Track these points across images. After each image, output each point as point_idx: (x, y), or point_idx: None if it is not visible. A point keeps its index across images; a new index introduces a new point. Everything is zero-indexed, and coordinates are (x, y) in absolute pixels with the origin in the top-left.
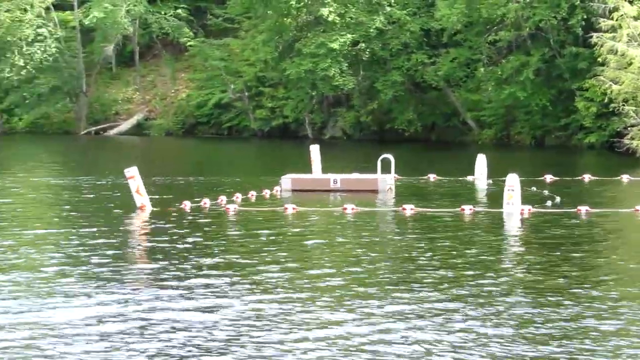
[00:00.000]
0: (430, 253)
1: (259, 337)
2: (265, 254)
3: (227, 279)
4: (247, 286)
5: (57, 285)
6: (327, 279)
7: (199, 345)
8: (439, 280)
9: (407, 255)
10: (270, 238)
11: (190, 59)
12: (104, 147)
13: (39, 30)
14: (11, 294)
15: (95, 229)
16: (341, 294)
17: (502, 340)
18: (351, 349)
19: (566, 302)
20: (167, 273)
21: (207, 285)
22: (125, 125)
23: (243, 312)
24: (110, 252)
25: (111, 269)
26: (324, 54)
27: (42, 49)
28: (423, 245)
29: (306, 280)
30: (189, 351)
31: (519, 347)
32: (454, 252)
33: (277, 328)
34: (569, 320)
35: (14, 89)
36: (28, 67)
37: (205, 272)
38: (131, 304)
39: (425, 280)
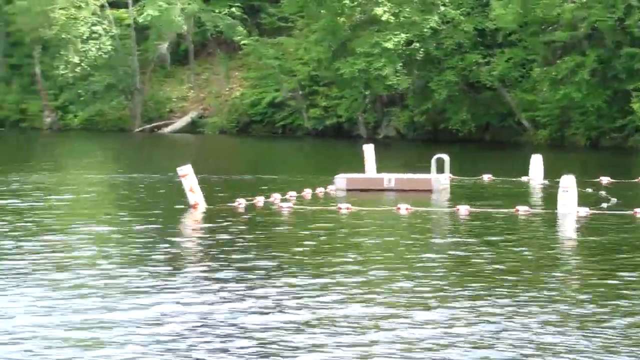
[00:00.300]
0: (486, 254)
1: (325, 339)
2: (321, 253)
3: (284, 279)
4: (304, 286)
5: (115, 283)
6: (385, 279)
7: (261, 347)
8: (497, 282)
9: (462, 255)
10: (325, 237)
11: (244, 57)
12: (158, 144)
13: (94, 28)
14: (70, 291)
15: (149, 227)
16: (400, 295)
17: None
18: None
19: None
20: (222, 272)
21: (263, 285)
22: (179, 123)
23: (300, 311)
24: (165, 250)
25: (166, 266)
26: (378, 53)
27: (97, 46)
28: (478, 246)
29: (364, 280)
30: (253, 352)
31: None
32: (510, 254)
33: (344, 329)
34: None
35: (68, 86)
36: (83, 64)
37: (258, 271)
38: (188, 302)
39: (481, 282)
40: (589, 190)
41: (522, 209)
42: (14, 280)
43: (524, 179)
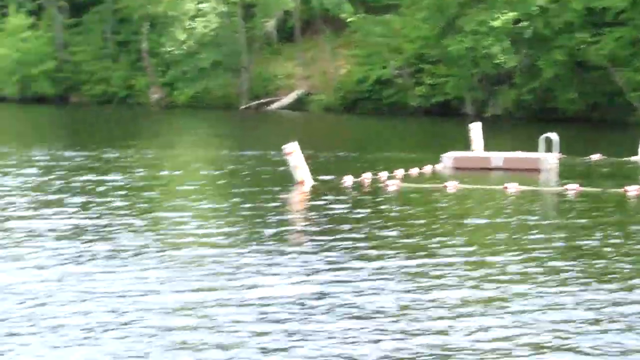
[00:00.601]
0: (597, 235)
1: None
2: (430, 233)
3: (391, 259)
4: (414, 267)
5: (226, 260)
6: (496, 260)
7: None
8: (609, 263)
9: (572, 235)
10: (432, 217)
11: (350, 34)
12: (264, 121)
13: (201, 6)
14: (183, 270)
15: (256, 204)
16: (513, 276)
17: None
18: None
19: None
20: (330, 251)
21: (370, 265)
22: (285, 100)
23: (411, 293)
24: (272, 227)
25: (275, 244)
26: (486, 31)
27: (204, 24)
28: (587, 226)
29: (475, 260)
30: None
31: None
32: (621, 235)
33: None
34: None
35: (175, 64)
36: (190, 41)
37: (365, 250)
38: (298, 281)
39: (594, 264)
40: None
41: (631, 189)
42: (131, 258)
43: (633, 158)
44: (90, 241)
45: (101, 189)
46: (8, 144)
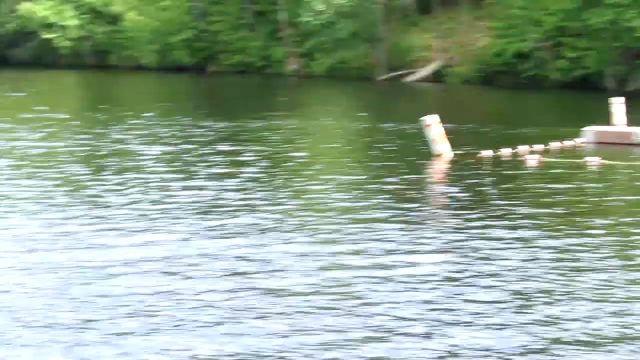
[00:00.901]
0: None
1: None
2: (572, 208)
3: (534, 231)
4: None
5: (367, 235)
6: None
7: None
8: None
9: None
10: (576, 193)
11: (489, 6)
12: (401, 93)
13: None
14: (323, 243)
15: (395, 177)
16: None
17: None
18: None
19: None
20: (471, 223)
21: (516, 239)
22: (423, 73)
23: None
24: (412, 199)
25: (414, 216)
26: (628, 4)
27: None
28: None
29: (621, 240)
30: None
31: None
32: None
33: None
34: None
35: (313, 34)
36: (327, 12)
37: (507, 224)
38: (443, 260)
39: None
40: None
41: None
42: (272, 233)
43: None
44: (235, 213)
45: (242, 158)
46: (151, 112)
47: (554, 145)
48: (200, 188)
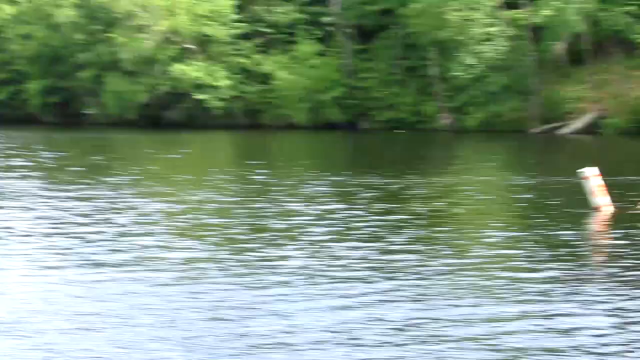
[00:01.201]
0: None
1: None
2: None
3: None
4: None
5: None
6: None
7: None
8: None
9: None
10: None
11: None
12: (556, 146)
13: (489, 29)
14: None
15: (553, 232)
16: None
17: None
18: None
19: None
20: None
21: None
22: (577, 124)
23: None
24: (576, 255)
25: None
26: None
27: (493, 47)
28: None
29: None
30: None
31: None
32: None
33: None
34: None
35: (465, 88)
36: (479, 66)
37: None
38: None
39: None
40: None
41: None
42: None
43: None
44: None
45: (397, 217)
46: (307, 171)
47: None
48: (347, 248)
